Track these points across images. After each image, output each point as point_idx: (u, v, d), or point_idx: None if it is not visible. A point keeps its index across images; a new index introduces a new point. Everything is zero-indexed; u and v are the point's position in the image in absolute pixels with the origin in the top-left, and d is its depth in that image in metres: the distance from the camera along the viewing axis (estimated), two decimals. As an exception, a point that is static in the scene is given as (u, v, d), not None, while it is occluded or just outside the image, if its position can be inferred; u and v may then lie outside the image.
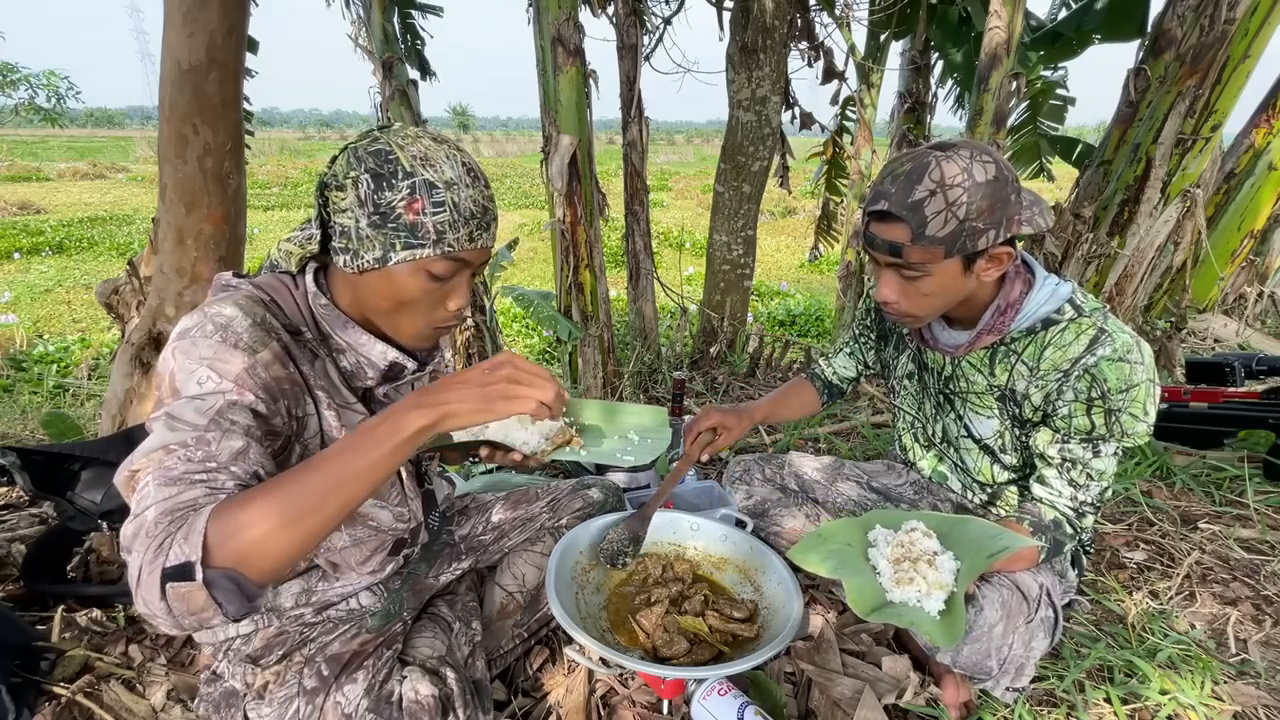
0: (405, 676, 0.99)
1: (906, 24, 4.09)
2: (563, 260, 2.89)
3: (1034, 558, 1.16)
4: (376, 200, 0.82)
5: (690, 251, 10.08)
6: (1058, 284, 1.17)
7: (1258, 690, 1.30)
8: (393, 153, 0.82)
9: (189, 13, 1.58)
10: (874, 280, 1.22)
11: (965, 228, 1.01)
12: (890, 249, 1.06)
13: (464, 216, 0.84)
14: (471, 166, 0.87)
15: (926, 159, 1.02)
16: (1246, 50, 3.09)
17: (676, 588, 1.24)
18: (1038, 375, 1.16)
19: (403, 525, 1.08)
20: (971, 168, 1.00)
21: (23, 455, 1.50)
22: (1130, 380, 1.07)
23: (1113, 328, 1.11)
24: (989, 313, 1.17)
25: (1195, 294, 4.05)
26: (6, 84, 17.76)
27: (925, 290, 1.10)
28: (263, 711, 0.96)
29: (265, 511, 0.64)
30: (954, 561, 1.06)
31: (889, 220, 1.05)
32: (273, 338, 0.84)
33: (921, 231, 1.02)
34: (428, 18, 3.80)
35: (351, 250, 0.85)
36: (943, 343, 1.26)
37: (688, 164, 28.76)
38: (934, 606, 1.01)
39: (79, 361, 4.60)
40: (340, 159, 0.86)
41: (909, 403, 1.45)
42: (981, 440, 1.30)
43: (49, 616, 1.34)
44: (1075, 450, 1.15)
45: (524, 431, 1.00)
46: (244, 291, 0.87)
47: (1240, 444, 2.24)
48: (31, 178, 17.76)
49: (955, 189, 1.00)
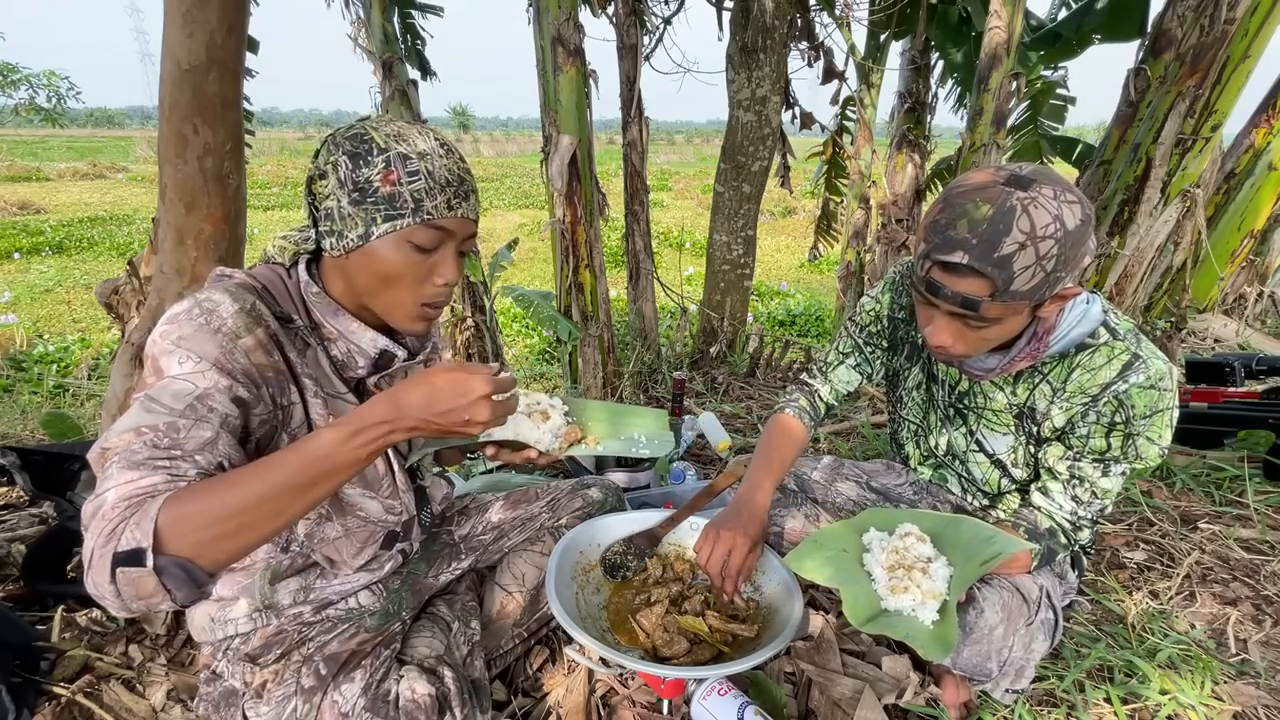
0: (402, 676, 0.99)
1: (906, 24, 4.09)
2: (563, 260, 2.89)
3: (1027, 563, 1.16)
4: (355, 179, 0.84)
5: (690, 251, 10.08)
6: (1089, 302, 1.11)
7: (1258, 690, 1.30)
8: (367, 134, 0.85)
9: (189, 13, 1.58)
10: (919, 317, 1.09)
11: (1050, 279, 0.92)
12: (964, 302, 0.95)
13: (439, 184, 0.86)
14: (445, 141, 0.89)
15: (1009, 202, 0.89)
16: (1246, 50, 3.09)
17: (676, 588, 1.24)
18: (1062, 397, 1.13)
19: (393, 518, 1.08)
20: (1062, 213, 0.89)
21: (23, 455, 1.50)
22: (1157, 406, 1.05)
23: (1147, 353, 1.06)
24: (1024, 338, 1.11)
25: (1195, 294, 4.05)
26: (7, 84, 17.77)
27: (987, 336, 1.02)
28: (261, 710, 0.96)
29: (217, 504, 0.65)
30: (947, 568, 1.06)
31: (964, 274, 0.93)
32: (259, 325, 0.84)
33: (1006, 288, 0.91)
34: (428, 18, 3.80)
35: (336, 232, 0.87)
36: (970, 367, 1.18)
37: (688, 164, 28.77)
38: (928, 616, 1.01)
39: (79, 361, 4.60)
40: (321, 150, 0.88)
41: (914, 413, 1.40)
42: (994, 455, 1.27)
43: (49, 616, 1.33)
44: (1085, 469, 1.13)
45: (536, 430, 1.02)
46: (236, 280, 0.88)
47: (1240, 444, 2.24)
48: (31, 178, 17.75)
49: (1047, 240, 0.89)
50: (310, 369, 0.92)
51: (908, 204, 4.03)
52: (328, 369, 0.94)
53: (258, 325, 0.84)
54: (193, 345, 0.78)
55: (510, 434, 1.01)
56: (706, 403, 2.88)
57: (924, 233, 0.98)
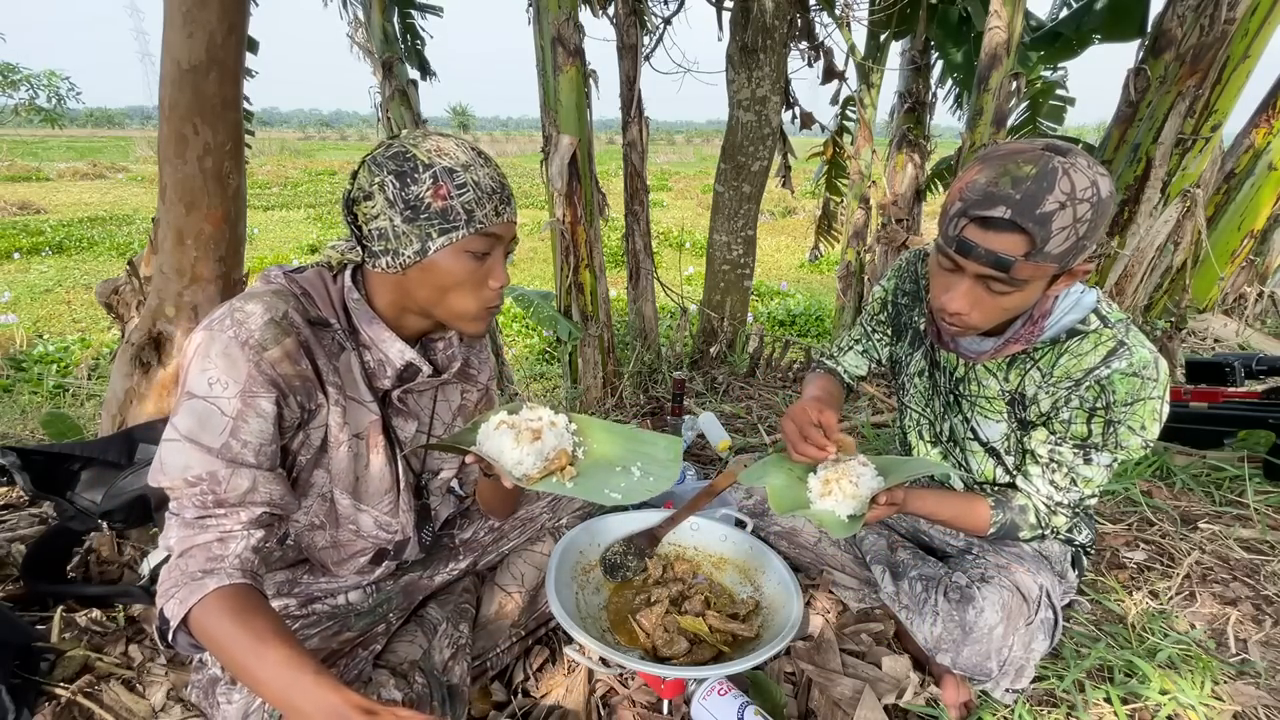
0: (371, 679, 1.00)
1: (906, 24, 4.09)
2: (563, 260, 2.89)
3: (984, 521, 1.19)
4: (405, 197, 0.87)
5: (690, 251, 10.07)
6: (1083, 291, 1.13)
7: (1258, 690, 1.30)
8: (408, 152, 0.87)
9: (189, 13, 1.58)
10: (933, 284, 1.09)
11: (1080, 244, 0.94)
12: (996, 261, 0.95)
13: (486, 193, 0.90)
14: (480, 150, 0.93)
15: (1051, 164, 0.92)
16: (1246, 50, 3.08)
17: (676, 588, 1.24)
18: (1049, 382, 1.15)
19: (387, 535, 1.07)
20: (1098, 180, 0.92)
21: (23, 455, 1.50)
22: (1138, 395, 1.06)
23: (1133, 341, 1.08)
24: (1020, 321, 1.13)
25: (1195, 294, 4.05)
26: (8, 84, 17.76)
27: (1006, 305, 1.02)
28: (233, 697, 0.97)
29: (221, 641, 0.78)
30: (875, 480, 1.09)
31: (1003, 229, 0.93)
32: (288, 334, 0.87)
33: (1042, 247, 0.92)
34: (427, 18, 3.79)
35: (391, 250, 0.89)
36: (964, 348, 1.21)
37: (688, 164, 28.76)
38: (844, 511, 1.05)
39: (79, 361, 4.60)
40: (361, 172, 0.90)
41: (917, 400, 1.41)
42: (988, 443, 1.29)
43: (49, 616, 1.33)
44: (1065, 454, 1.14)
45: (518, 450, 0.92)
46: (274, 287, 0.92)
47: (1240, 444, 2.24)
48: (31, 178, 17.73)
49: (1084, 204, 0.91)
50: (339, 374, 0.95)
51: (908, 204, 4.03)
52: (358, 375, 0.97)
53: (286, 335, 0.87)
54: (222, 364, 0.83)
55: (494, 453, 0.92)
56: (706, 403, 2.88)
57: (959, 193, 0.98)
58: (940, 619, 1.19)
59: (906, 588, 1.28)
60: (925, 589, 1.25)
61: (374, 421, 1.00)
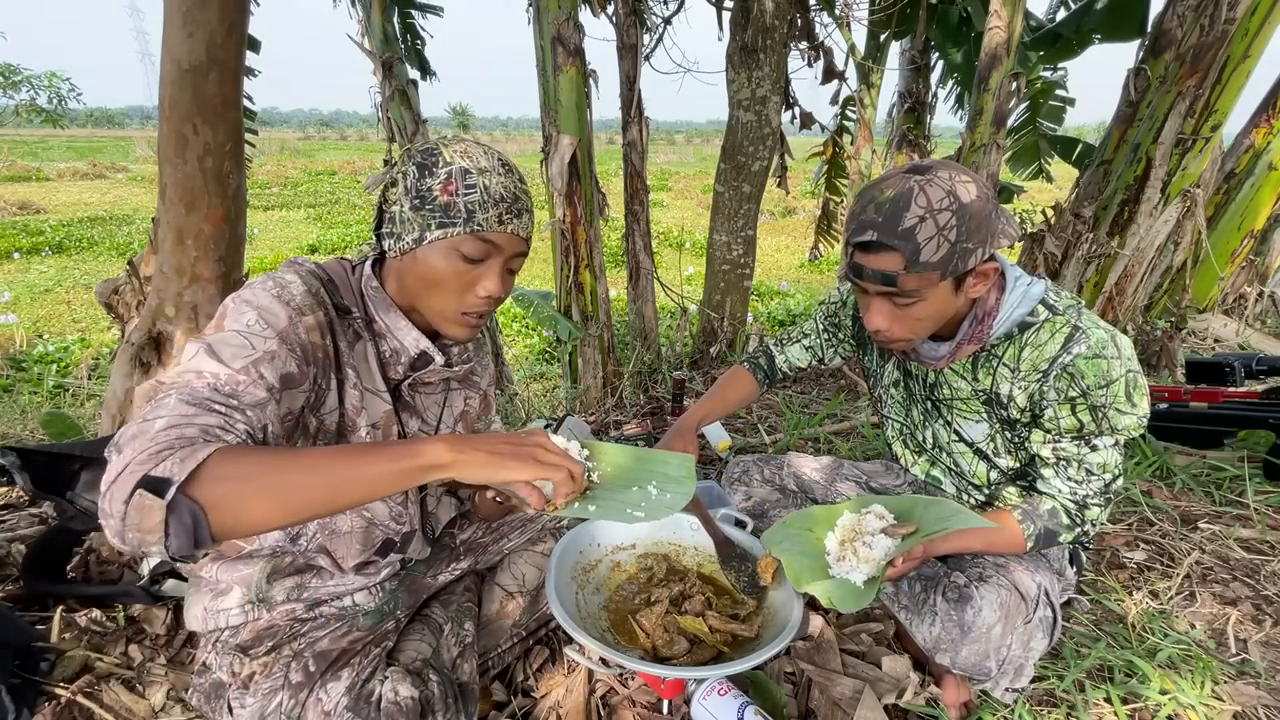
0: (387, 677, 1.00)
1: (906, 24, 4.09)
2: (563, 260, 2.89)
3: (1019, 543, 1.17)
4: (418, 187, 0.90)
5: (690, 251, 10.07)
6: (1030, 284, 1.16)
7: (1258, 690, 1.30)
8: (437, 149, 0.91)
9: (189, 12, 1.58)
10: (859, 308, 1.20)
11: (957, 249, 1.01)
12: (883, 279, 1.04)
13: (494, 199, 0.91)
14: (507, 162, 0.95)
15: (908, 184, 1.01)
16: (1246, 50, 3.08)
17: (677, 588, 1.23)
18: (1019, 377, 1.16)
19: (396, 525, 1.08)
20: (955, 189, 1.00)
21: (23, 455, 1.50)
22: (1108, 375, 1.07)
23: (1086, 324, 1.10)
24: (967, 322, 1.17)
25: (1195, 294, 4.05)
26: (9, 85, 17.75)
27: (918, 315, 1.09)
28: (246, 701, 0.97)
29: (263, 471, 0.65)
30: (889, 541, 1.08)
31: (879, 250, 1.03)
32: (320, 309, 0.90)
33: (915, 258, 1.00)
34: (428, 18, 3.80)
35: (395, 234, 0.93)
36: (924, 355, 1.25)
37: (688, 164, 28.75)
38: (858, 579, 1.05)
39: (79, 361, 4.60)
40: (398, 162, 0.95)
41: (897, 410, 1.43)
42: (974, 444, 1.29)
43: (49, 616, 1.33)
44: (1068, 448, 1.14)
45: None
46: (307, 267, 0.96)
47: (1240, 444, 2.24)
48: (31, 178, 17.73)
49: (944, 213, 0.99)
50: (357, 361, 0.97)
51: (908, 204, 4.03)
52: (373, 364, 0.99)
53: (319, 308, 0.90)
54: (264, 310, 0.84)
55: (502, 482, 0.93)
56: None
57: (845, 226, 1.09)
58: (939, 619, 1.19)
59: (906, 588, 1.28)
60: (924, 589, 1.25)
61: (387, 412, 1.01)
